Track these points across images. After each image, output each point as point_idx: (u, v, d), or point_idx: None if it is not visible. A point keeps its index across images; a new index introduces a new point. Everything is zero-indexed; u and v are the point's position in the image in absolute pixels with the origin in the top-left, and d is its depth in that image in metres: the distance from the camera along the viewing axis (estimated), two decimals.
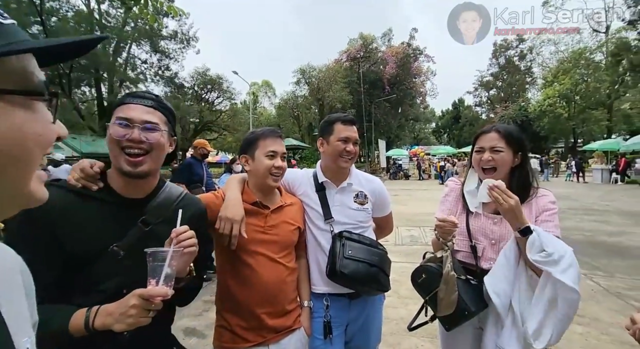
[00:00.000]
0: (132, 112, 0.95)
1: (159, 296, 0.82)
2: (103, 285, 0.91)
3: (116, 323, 0.80)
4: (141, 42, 20.58)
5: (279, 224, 1.40)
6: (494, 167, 1.38)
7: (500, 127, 1.41)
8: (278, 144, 1.39)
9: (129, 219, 0.98)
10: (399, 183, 19.98)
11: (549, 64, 33.42)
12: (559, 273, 1.14)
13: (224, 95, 28.01)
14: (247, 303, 1.33)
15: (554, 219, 1.35)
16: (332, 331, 1.49)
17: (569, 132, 30.68)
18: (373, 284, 1.47)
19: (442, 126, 54.02)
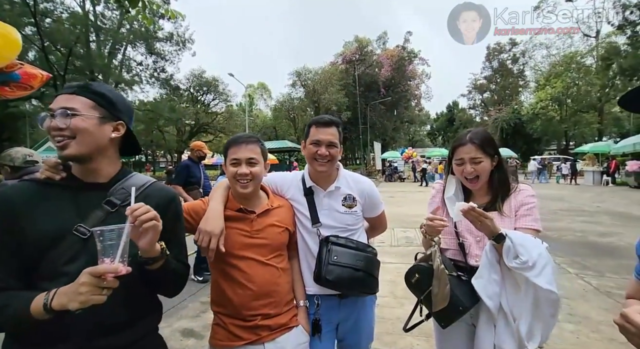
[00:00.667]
0: (54, 103, 0.96)
1: (109, 272, 0.81)
2: (68, 267, 0.91)
3: (70, 301, 0.80)
4: (137, 44, 20.51)
5: (266, 227, 1.41)
6: (477, 176, 1.43)
7: (474, 138, 1.43)
8: (242, 151, 1.36)
9: (91, 201, 0.99)
10: (395, 185, 20.10)
11: (541, 68, 33.94)
12: (534, 277, 1.20)
13: (219, 97, 28.02)
14: (240, 304, 1.34)
15: (533, 213, 1.38)
16: (321, 329, 1.50)
17: (561, 135, 31.17)
18: (359, 288, 1.49)
19: (437, 128, 54.53)
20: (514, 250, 1.23)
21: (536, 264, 1.20)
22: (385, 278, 4.09)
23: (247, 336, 1.35)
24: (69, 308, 0.80)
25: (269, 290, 1.38)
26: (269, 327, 1.37)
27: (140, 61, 21.43)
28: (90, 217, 0.96)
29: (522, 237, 1.26)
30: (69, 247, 0.92)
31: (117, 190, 1.02)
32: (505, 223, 1.39)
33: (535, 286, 1.21)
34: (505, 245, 1.24)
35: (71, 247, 0.92)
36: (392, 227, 7.08)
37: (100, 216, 0.97)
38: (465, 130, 1.53)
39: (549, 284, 1.20)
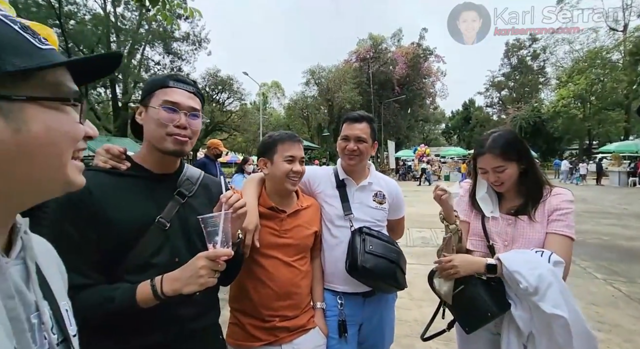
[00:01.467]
0: (178, 97, 0.97)
1: (224, 255, 0.87)
2: (156, 258, 0.93)
3: (186, 286, 0.84)
4: (154, 44, 20.98)
5: (294, 228, 1.41)
6: (502, 183, 1.38)
7: (493, 146, 1.35)
8: (297, 149, 1.39)
9: (164, 192, 1.01)
10: (408, 184, 19.82)
11: (563, 64, 32.68)
12: (539, 301, 1.13)
13: (234, 96, 28.31)
14: (260, 304, 1.34)
15: (567, 219, 1.30)
16: (347, 330, 1.49)
17: (584, 134, 29.95)
18: (391, 280, 1.48)
19: (452, 127, 53.37)
20: (513, 277, 1.17)
21: (538, 288, 1.13)
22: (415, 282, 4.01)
23: (265, 337, 1.35)
24: (184, 292, 0.84)
25: (290, 291, 1.37)
26: (287, 329, 1.37)
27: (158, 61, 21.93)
28: (167, 208, 0.98)
29: (519, 262, 1.19)
30: (154, 238, 0.94)
31: (184, 181, 1.06)
32: (535, 229, 1.33)
33: (543, 312, 1.12)
34: (505, 275, 1.20)
35: (156, 239, 0.94)
36: (407, 228, 6.91)
37: (175, 206, 1.00)
38: (487, 132, 1.44)
39: (555, 308, 1.11)
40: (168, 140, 0.96)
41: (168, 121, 0.95)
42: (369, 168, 1.67)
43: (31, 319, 0.43)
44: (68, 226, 0.86)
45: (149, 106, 0.98)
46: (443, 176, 22.69)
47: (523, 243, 1.33)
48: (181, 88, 0.99)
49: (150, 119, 0.98)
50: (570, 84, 27.57)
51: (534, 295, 1.14)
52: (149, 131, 0.99)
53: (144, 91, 1.02)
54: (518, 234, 1.36)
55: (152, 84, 1.01)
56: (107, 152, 1.00)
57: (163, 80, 1.00)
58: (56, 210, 0.87)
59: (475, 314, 1.29)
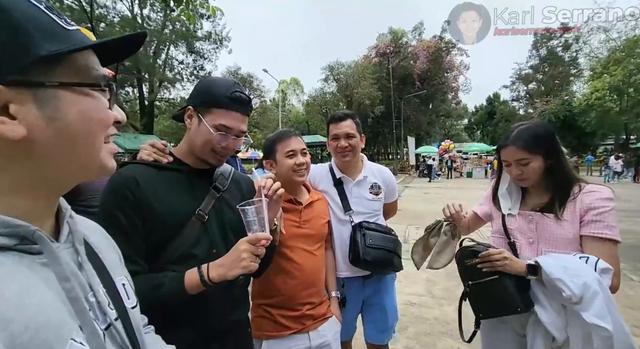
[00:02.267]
0: (233, 122, 0.99)
1: (265, 239, 0.90)
2: (195, 249, 0.96)
3: (230, 270, 0.87)
4: (178, 44, 21.63)
5: (312, 218, 1.49)
6: (526, 178, 1.31)
7: (517, 138, 1.29)
8: (295, 142, 1.44)
9: (201, 186, 1.04)
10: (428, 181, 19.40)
11: (598, 54, 30.71)
12: (582, 311, 1.06)
13: (254, 93, 28.76)
14: (289, 294, 1.39)
15: (605, 219, 1.18)
16: (347, 303, 1.65)
17: (620, 128, 28.10)
18: (390, 266, 1.66)
19: (475, 122, 51.67)
20: (552, 284, 1.11)
21: (583, 298, 1.06)
22: (422, 276, 3.96)
23: (294, 325, 1.40)
24: (229, 276, 0.87)
25: (314, 279, 1.46)
26: (312, 316, 1.44)
27: (182, 60, 22.62)
28: (204, 201, 1.02)
29: (561, 268, 1.11)
30: (194, 230, 0.97)
31: (218, 176, 1.10)
32: (564, 229, 1.25)
33: (584, 320, 1.06)
34: (544, 279, 1.14)
35: (195, 231, 0.97)
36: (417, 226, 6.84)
37: (211, 200, 1.03)
38: (514, 125, 1.38)
39: (599, 319, 1.04)
40: (211, 156, 1.01)
41: (217, 143, 0.99)
42: (362, 161, 1.78)
43: (89, 298, 0.45)
44: (118, 212, 0.89)
45: (203, 119, 0.98)
46: (465, 173, 22.07)
47: (551, 242, 1.27)
48: (238, 111, 1.00)
49: (200, 133, 0.99)
50: (606, 75, 25.89)
51: (577, 304, 1.07)
52: (196, 141, 1.01)
53: (201, 94, 1.01)
54: (543, 232, 1.29)
55: (212, 96, 0.98)
56: (152, 146, 1.06)
57: (224, 98, 0.97)
58: (105, 197, 0.91)
59: (502, 305, 1.26)
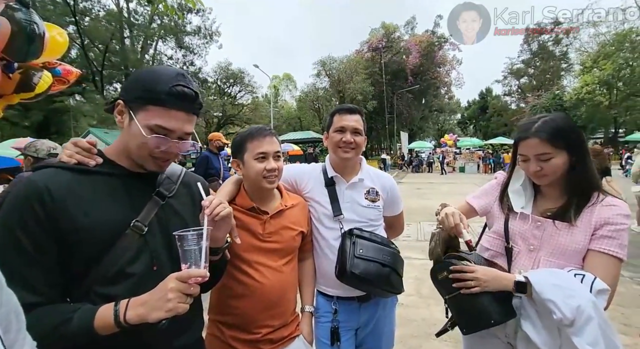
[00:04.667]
0: (174, 123, 0.83)
1: (199, 276, 0.76)
2: (131, 267, 0.82)
3: (152, 311, 0.72)
4: (167, 39, 21.20)
5: (279, 230, 1.30)
6: (545, 175, 1.17)
7: (541, 130, 1.15)
8: (268, 144, 1.25)
9: (140, 192, 0.89)
10: (422, 176, 19.47)
11: (588, 49, 30.98)
12: (573, 335, 0.99)
13: (245, 89, 28.43)
14: (246, 315, 1.24)
15: (620, 237, 1.09)
16: (340, 337, 1.43)
17: (609, 122, 28.51)
18: (385, 285, 1.38)
19: (468, 116, 51.92)
20: (543, 305, 1.02)
21: (575, 322, 0.98)
22: (411, 274, 3.91)
23: None
24: (150, 319, 0.72)
25: (279, 299, 1.28)
26: (271, 340, 1.27)
27: (171, 55, 22.21)
28: (144, 210, 0.87)
29: (553, 287, 1.02)
30: (130, 245, 0.82)
31: (163, 180, 0.96)
32: (573, 239, 1.14)
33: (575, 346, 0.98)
34: (534, 298, 1.04)
35: (132, 245, 0.83)
36: (418, 221, 6.82)
37: (153, 208, 0.89)
38: (536, 116, 1.23)
39: (592, 346, 0.96)
40: (150, 161, 0.86)
41: (155, 148, 0.84)
42: (360, 163, 1.56)
43: None
44: (19, 232, 0.73)
45: (134, 118, 0.82)
46: (458, 168, 22.17)
47: (554, 252, 1.17)
48: (181, 109, 0.84)
49: (132, 135, 0.83)
50: (596, 69, 26.17)
51: (569, 327, 1.00)
52: (129, 144, 0.85)
53: (135, 86, 0.84)
54: (549, 240, 1.18)
55: (149, 90, 0.81)
56: (74, 145, 0.87)
57: (163, 94, 0.81)
58: (5, 211, 0.74)
59: (476, 318, 1.18)
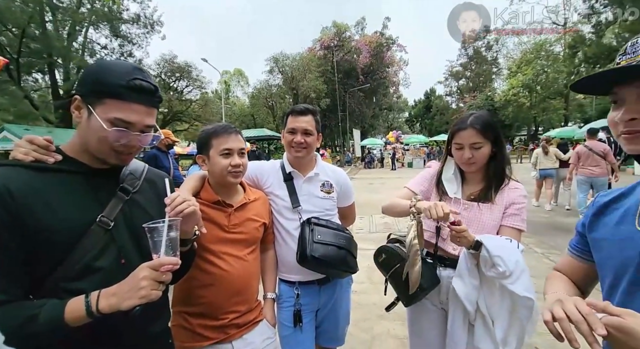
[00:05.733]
0: (134, 116, 0.84)
1: (170, 264, 0.79)
2: (99, 261, 0.84)
3: (125, 300, 0.75)
4: (99, 26, 19.04)
5: (244, 222, 1.38)
6: (474, 162, 1.41)
7: (475, 123, 1.39)
8: (233, 141, 1.32)
9: (104, 188, 0.90)
10: (374, 172, 20.34)
11: (513, 55, 34.90)
12: (511, 285, 1.21)
13: (193, 84, 26.78)
14: (213, 303, 1.30)
15: (522, 213, 1.40)
16: (302, 319, 1.55)
17: (531, 121, 32.48)
18: (342, 266, 1.54)
19: (415, 115, 55.13)
20: (490, 261, 1.22)
21: (513, 273, 1.21)
22: (364, 264, 4.07)
23: (215, 335, 1.30)
24: (123, 307, 0.75)
25: (243, 286, 1.35)
26: (238, 325, 1.34)
27: (105, 44, 19.89)
28: (108, 206, 0.89)
29: (499, 246, 1.25)
30: (96, 240, 0.84)
31: (127, 176, 0.97)
32: (494, 214, 1.41)
33: (512, 293, 1.21)
34: (482, 256, 1.24)
35: (98, 241, 0.85)
36: (371, 214, 7.15)
37: (118, 203, 0.91)
38: (469, 112, 1.49)
39: (527, 291, 1.20)
40: (112, 155, 0.87)
41: (116, 141, 0.84)
42: (315, 159, 1.69)
43: None
44: None
45: (93, 112, 0.81)
46: (407, 163, 23.56)
47: (478, 228, 1.39)
48: (140, 102, 0.85)
49: (91, 129, 0.83)
50: (519, 74, 29.59)
51: (507, 278, 1.21)
52: (89, 138, 0.85)
53: (91, 81, 0.84)
54: (473, 220, 1.42)
55: (105, 84, 0.81)
56: (30, 143, 0.84)
57: (120, 87, 0.81)
58: None
59: (410, 288, 1.37)
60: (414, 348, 1.62)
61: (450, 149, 1.49)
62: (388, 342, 2.68)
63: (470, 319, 1.35)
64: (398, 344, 2.61)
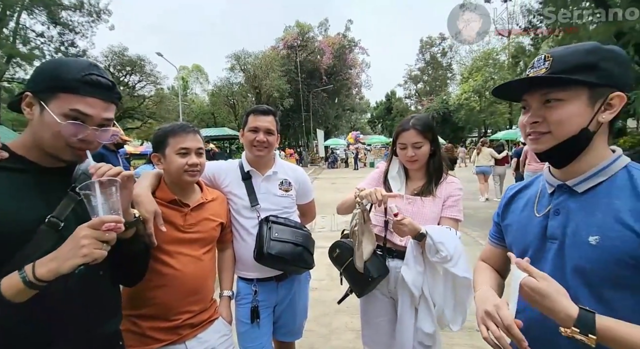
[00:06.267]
0: (90, 110, 0.82)
1: (112, 222, 0.76)
2: None
3: (65, 261, 0.72)
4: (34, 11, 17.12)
5: (200, 221, 1.37)
6: (416, 160, 1.54)
7: (417, 124, 1.52)
8: (191, 140, 1.31)
9: (55, 188, 0.87)
10: (337, 172, 20.66)
11: (465, 62, 37.52)
12: (452, 267, 1.37)
13: (147, 79, 25.17)
14: (166, 304, 1.26)
15: (458, 204, 1.56)
16: (260, 315, 1.58)
17: (481, 123, 35.13)
18: (299, 262, 1.57)
19: (377, 116, 56.91)
20: (434, 247, 1.35)
21: (453, 257, 1.36)
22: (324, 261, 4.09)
23: (166, 337, 1.26)
24: (64, 269, 0.72)
25: (199, 286, 1.33)
26: (192, 325, 1.31)
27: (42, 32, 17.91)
28: (59, 206, 0.86)
29: (441, 234, 1.38)
30: (44, 241, 0.81)
31: (79, 175, 0.94)
32: (435, 206, 1.54)
33: (454, 274, 1.36)
34: (427, 243, 1.36)
35: (47, 241, 0.81)
36: (333, 213, 7.21)
37: (70, 203, 0.88)
38: (410, 116, 1.61)
39: (465, 272, 1.36)
40: (68, 152, 0.84)
41: (72, 136, 0.82)
42: (274, 158, 1.72)
43: None
44: None
45: (46, 107, 0.80)
46: (369, 163, 24.23)
47: (420, 220, 1.49)
48: (97, 96, 0.83)
49: (44, 125, 0.81)
50: (470, 79, 31.87)
51: (449, 262, 1.36)
52: (42, 135, 0.82)
53: (44, 77, 0.83)
54: (417, 213, 1.54)
55: (60, 79, 0.80)
56: None
57: (75, 82, 0.80)
58: None
59: (361, 279, 1.49)
60: (366, 337, 1.69)
61: (395, 150, 1.61)
62: (345, 334, 2.73)
63: (415, 304, 1.48)
64: (355, 336, 2.66)
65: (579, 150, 0.76)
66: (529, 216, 0.88)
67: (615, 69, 0.72)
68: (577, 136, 0.74)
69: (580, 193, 0.77)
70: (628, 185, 0.72)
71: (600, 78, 0.72)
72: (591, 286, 0.71)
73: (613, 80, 0.72)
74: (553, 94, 0.75)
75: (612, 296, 0.69)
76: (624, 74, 0.74)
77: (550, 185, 0.84)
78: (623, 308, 0.67)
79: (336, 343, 2.65)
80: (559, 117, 0.75)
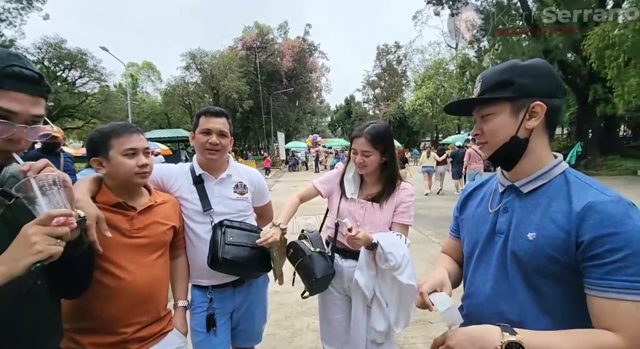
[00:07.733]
0: (15, 105, 0.75)
1: (62, 215, 0.71)
2: None
3: (17, 262, 0.66)
4: None
5: (149, 225, 1.28)
6: (365, 166, 1.60)
7: (368, 133, 1.56)
8: (137, 140, 1.24)
9: None
10: (298, 174, 20.66)
11: (418, 70, 39.91)
12: (398, 275, 1.44)
13: (90, 75, 23.03)
14: (112, 317, 1.16)
15: (409, 210, 1.62)
16: (216, 322, 1.52)
17: (433, 128, 37.53)
18: (256, 266, 1.54)
19: (337, 120, 58.06)
20: (384, 256, 1.42)
21: (401, 265, 1.43)
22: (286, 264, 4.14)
23: None
24: (18, 271, 0.66)
25: (149, 295, 1.24)
26: (141, 338, 1.22)
27: None
28: None
29: (391, 244, 1.45)
30: None
31: (7, 178, 0.86)
32: (383, 216, 1.60)
33: (400, 282, 1.44)
34: (377, 252, 1.44)
35: None
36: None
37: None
38: (368, 121, 1.65)
39: (410, 280, 1.44)
40: None
41: None
42: (228, 161, 1.66)
43: None
44: None
45: None
46: (329, 166, 24.59)
47: (373, 225, 1.58)
48: (22, 90, 0.76)
49: None
50: (424, 87, 33.94)
51: (396, 270, 1.42)
52: None
53: None
54: (369, 217, 1.61)
55: None
56: None
57: None
58: None
59: (309, 276, 1.55)
60: (324, 333, 1.76)
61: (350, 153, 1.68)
62: (307, 335, 2.75)
63: (367, 303, 1.56)
64: (317, 336, 2.68)
65: (517, 154, 0.86)
66: (482, 212, 0.96)
67: (530, 82, 0.83)
68: (509, 143, 0.85)
69: (525, 193, 0.87)
70: (564, 189, 0.81)
71: (516, 91, 0.83)
72: (525, 273, 0.82)
73: (530, 91, 0.83)
74: (485, 110, 0.87)
75: (541, 283, 0.80)
76: (542, 84, 0.83)
77: (502, 185, 0.94)
78: (549, 294, 0.79)
79: (298, 344, 2.67)
80: (490, 129, 0.87)
